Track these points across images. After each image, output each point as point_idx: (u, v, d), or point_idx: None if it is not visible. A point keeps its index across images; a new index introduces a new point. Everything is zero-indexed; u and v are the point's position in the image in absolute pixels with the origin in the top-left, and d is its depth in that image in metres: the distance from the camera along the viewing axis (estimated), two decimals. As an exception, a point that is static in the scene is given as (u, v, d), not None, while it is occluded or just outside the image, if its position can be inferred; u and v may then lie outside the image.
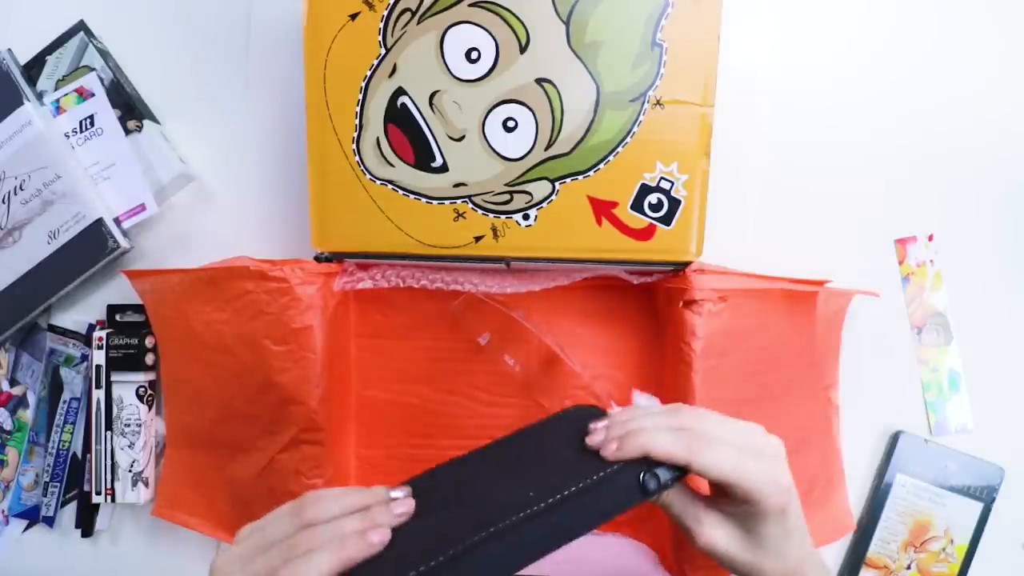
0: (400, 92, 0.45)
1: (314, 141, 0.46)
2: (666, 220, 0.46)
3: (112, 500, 0.55)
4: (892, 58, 0.54)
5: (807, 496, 0.51)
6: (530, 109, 0.45)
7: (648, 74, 0.44)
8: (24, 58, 0.55)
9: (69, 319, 0.57)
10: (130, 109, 0.54)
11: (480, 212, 0.46)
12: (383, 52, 0.45)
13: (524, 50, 0.44)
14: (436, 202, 0.46)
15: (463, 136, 0.45)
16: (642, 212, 0.46)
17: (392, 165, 0.46)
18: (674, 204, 0.45)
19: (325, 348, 0.48)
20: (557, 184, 0.45)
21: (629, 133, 0.45)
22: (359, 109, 0.45)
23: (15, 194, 0.53)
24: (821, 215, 0.55)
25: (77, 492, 0.57)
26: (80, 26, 0.55)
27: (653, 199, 0.45)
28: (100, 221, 0.53)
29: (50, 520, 0.57)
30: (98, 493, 0.55)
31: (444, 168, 0.46)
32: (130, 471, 0.55)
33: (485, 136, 0.45)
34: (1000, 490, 0.55)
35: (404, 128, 0.45)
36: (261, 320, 0.47)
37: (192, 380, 0.53)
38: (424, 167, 0.46)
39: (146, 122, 0.54)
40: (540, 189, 0.46)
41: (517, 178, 0.45)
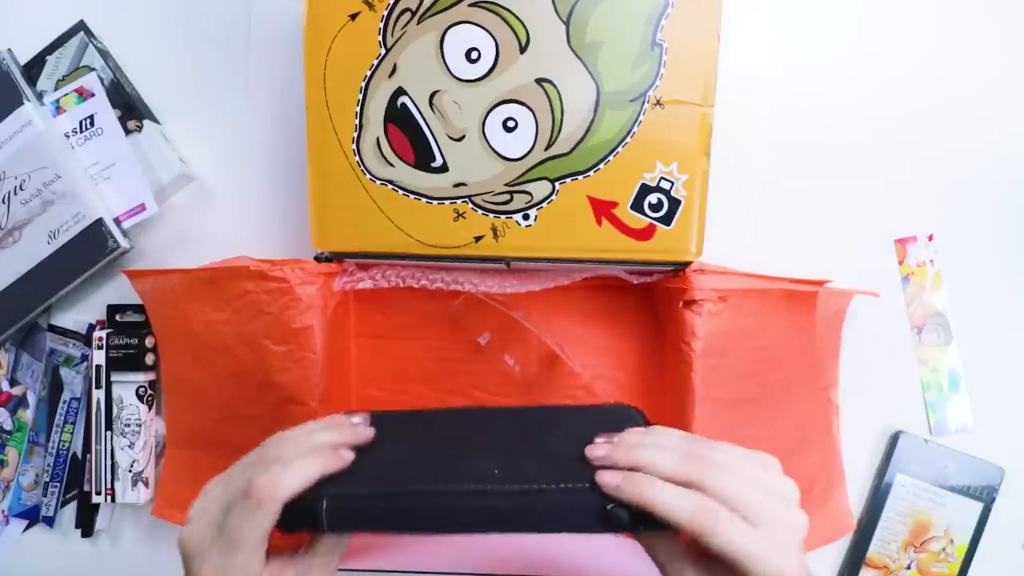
0: (400, 92, 0.45)
1: (314, 141, 0.46)
2: (666, 220, 0.46)
3: (112, 500, 0.55)
4: (892, 58, 0.54)
5: (807, 496, 0.51)
6: (530, 109, 0.45)
7: (648, 74, 0.44)
8: (24, 58, 0.55)
9: (69, 319, 0.57)
10: (130, 109, 0.54)
11: (480, 212, 0.46)
12: (383, 52, 0.45)
13: (524, 50, 0.44)
14: (436, 202, 0.46)
15: (463, 136, 0.45)
16: (642, 212, 0.46)
17: (392, 165, 0.46)
18: (674, 204, 0.45)
19: (325, 348, 0.48)
20: (557, 184, 0.45)
21: (629, 133, 0.45)
22: (359, 109, 0.45)
23: (15, 194, 0.53)
24: (821, 215, 0.55)
25: (77, 492, 0.57)
26: (80, 26, 0.55)
27: (653, 199, 0.45)
28: (100, 221, 0.53)
29: (50, 520, 0.57)
30: (98, 493, 0.55)
31: (444, 168, 0.46)
32: (130, 471, 0.55)
33: (485, 136, 0.45)
34: (1000, 490, 0.55)
35: (404, 128, 0.45)
36: (261, 320, 0.47)
37: (192, 380, 0.53)
38: (424, 167, 0.46)
39: (146, 122, 0.54)
40: (540, 189, 0.46)
41: (517, 178, 0.45)
